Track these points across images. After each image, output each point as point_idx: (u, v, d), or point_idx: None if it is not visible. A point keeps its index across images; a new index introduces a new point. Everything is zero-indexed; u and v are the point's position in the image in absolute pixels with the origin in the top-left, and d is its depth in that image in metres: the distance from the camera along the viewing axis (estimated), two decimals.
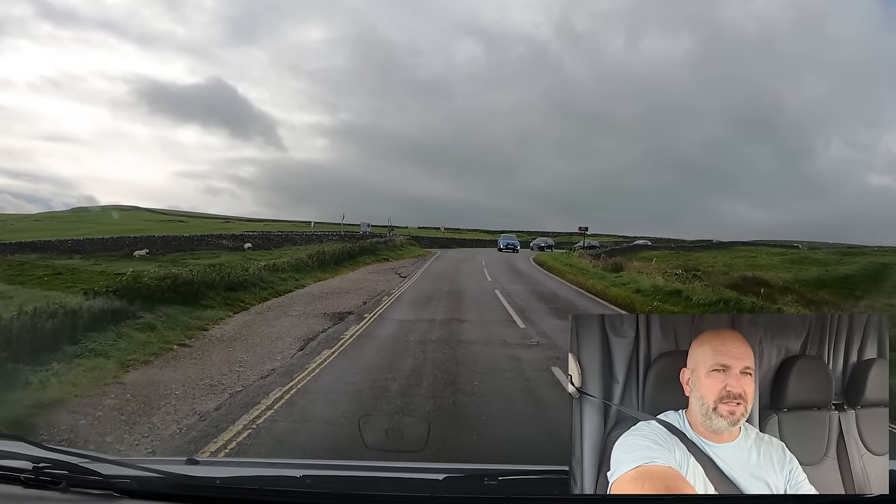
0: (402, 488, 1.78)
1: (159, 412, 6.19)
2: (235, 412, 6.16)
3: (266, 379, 7.62)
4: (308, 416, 6.09)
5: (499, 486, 1.71)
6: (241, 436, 5.45)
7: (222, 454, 5.03)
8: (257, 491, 1.78)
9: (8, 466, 1.79)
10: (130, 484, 1.76)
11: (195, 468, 1.92)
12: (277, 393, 6.89)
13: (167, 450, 5.14)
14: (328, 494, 1.78)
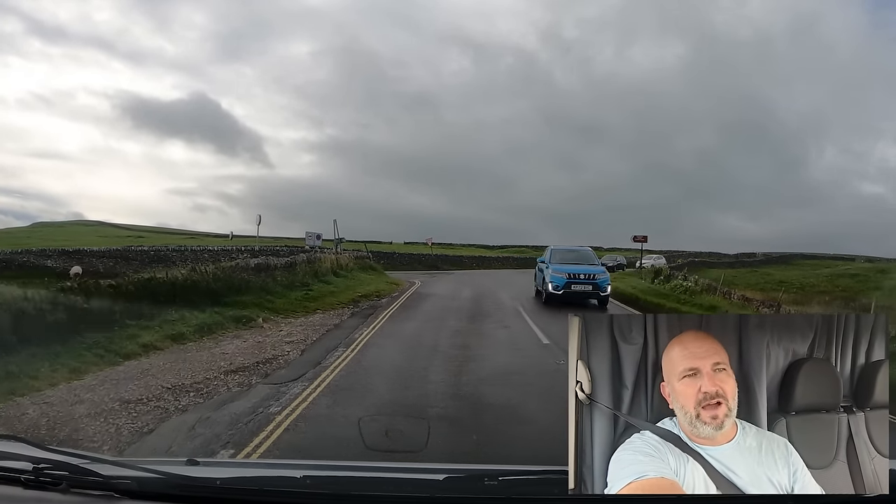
0: (402, 489, 1.77)
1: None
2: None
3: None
4: None
5: (499, 487, 1.70)
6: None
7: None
8: (257, 492, 1.77)
9: (8, 467, 1.79)
10: (130, 485, 1.76)
11: (195, 469, 1.92)
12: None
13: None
14: (328, 495, 1.77)
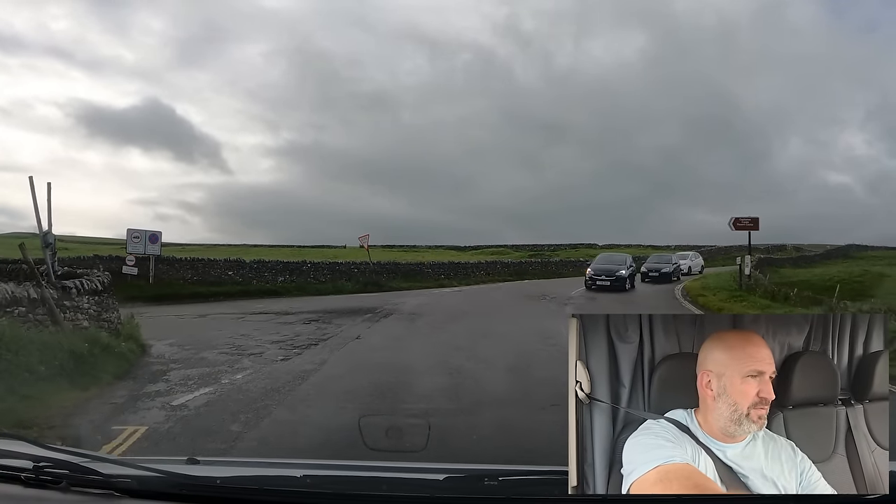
0: (402, 488, 1.78)
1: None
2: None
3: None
4: None
5: (499, 487, 1.70)
6: None
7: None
8: (257, 491, 1.78)
9: (8, 466, 1.79)
10: (131, 483, 1.76)
11: (196, 468, 1.92)
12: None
13: None
14: (328, 494, 1.77)
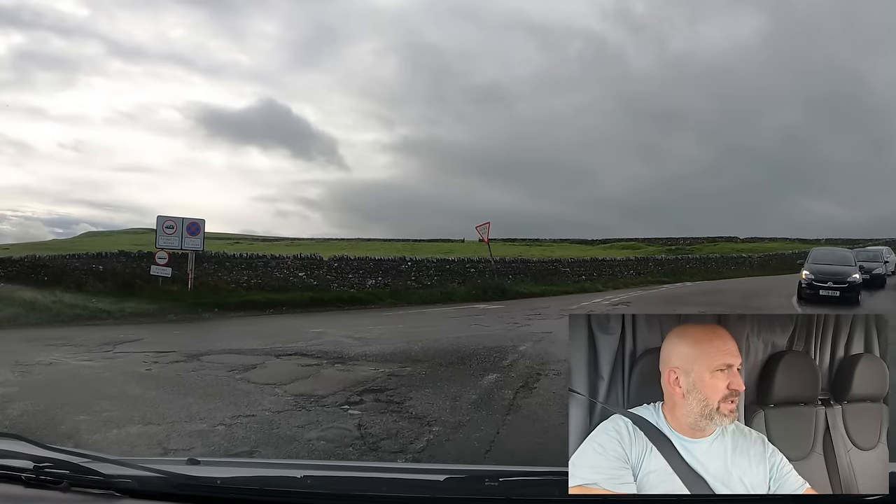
0: (402, 489, 1.79)
1: None
2: None
3: None
4: None
5: (500, 488, 1.71)
6: None
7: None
8: (258, 491, 1.79)
9: (8, 466, 1.79)
10: (131, 484, 1.77)
11: (196, 468, 1.93)
12: None
13: None
14: (328, 495, 1.79)
